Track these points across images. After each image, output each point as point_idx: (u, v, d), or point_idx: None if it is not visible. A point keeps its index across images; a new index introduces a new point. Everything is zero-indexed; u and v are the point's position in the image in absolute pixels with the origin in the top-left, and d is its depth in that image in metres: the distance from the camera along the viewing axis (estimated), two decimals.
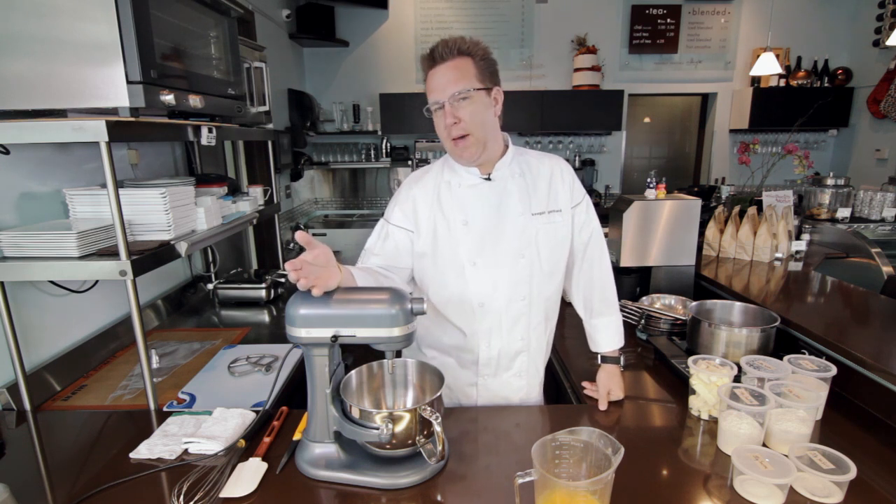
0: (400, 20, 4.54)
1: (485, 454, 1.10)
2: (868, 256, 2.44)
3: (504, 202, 1.27)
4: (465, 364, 1.35)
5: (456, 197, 1.28)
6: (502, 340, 1.32)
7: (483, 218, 1.26)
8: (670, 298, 1.88)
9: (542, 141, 4.81)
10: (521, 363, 1.36)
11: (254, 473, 1.02)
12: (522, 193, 1.28)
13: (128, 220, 1.32)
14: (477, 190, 1.28)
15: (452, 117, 1.16)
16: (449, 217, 1.27)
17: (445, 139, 1.21)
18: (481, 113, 1.19)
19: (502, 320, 1.30)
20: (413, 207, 1.29)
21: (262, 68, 2.14)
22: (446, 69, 1.16)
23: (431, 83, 1.19)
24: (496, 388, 1.37)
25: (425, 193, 1.29)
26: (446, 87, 1.16)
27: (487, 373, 1.35)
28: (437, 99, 1.17)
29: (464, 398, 1.39)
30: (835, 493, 0.92)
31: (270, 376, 1.53)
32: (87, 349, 1.63)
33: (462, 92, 1.15)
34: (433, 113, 1.21)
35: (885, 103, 4.18)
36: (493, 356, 1.33)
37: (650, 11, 4.51)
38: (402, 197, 1.31)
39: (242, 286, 2.26)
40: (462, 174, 1.28)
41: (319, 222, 4.47)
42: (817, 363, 1.26)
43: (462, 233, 1.26)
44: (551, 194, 1.31)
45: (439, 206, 1.28)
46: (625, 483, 0.93)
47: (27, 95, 1.22)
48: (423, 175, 1.34)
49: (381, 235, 1.31)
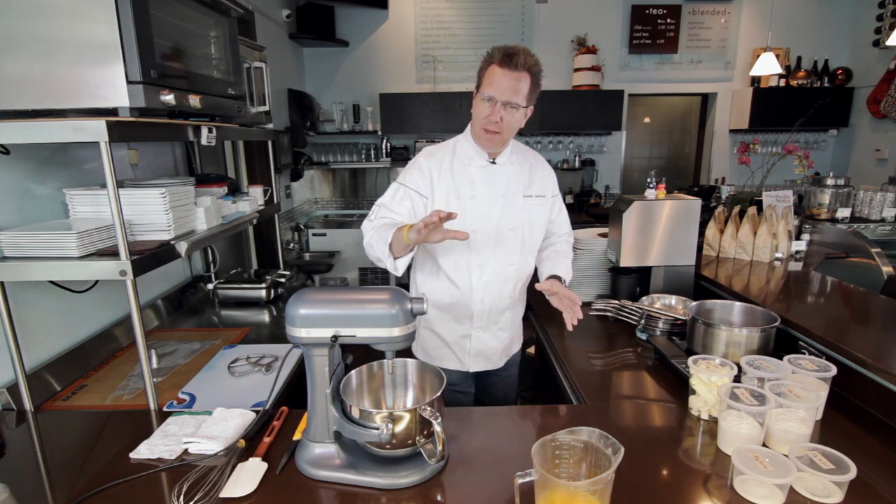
0: (400, 20, 4.54)
1: (485, 454, 1.10)
2: (868, 256, 2.44)
3: (504, 183, 1.51)
4: (461, 318, 1.56)
5: (467, 175, 1.49)
6: (493, 297, 1.54)
7: (488, 194, 1.49)
8: (670, 298, 1.88)
9: (542, 141, 4.82)
10: (506, 319, 1.60)
11: (254, 473, 1.02)
12: (519, 178, 1.53)
13: (128, 220, 1.32)
14: (485, 171, 1.50)
15: (498, 116, 1.37)
16: (460, 190, 1.48)
17: (479, 124, 1.42)
18: (517, 122, 1.41)
19: (496, 280, 1.53)
20: (429, 176, 1.48)
21: (262, 68, 2.14)
22: (516, 78, 1.34)
23: (497, 80, 1.35)
24: (486, 339, 1.59)
25: (440, 167, 1.49)
26: (506, 92, 1.35)
27: (479, 325, 1.57)
28: (495, 95, 1.35)
29: (458, 350, 1.60)
30: (835, 493, 0.92)
31: (270, 376, 1.53)
32: (87, 349, 1.63)
33: (514, 104, 1.36)
34: (480, 99, 1.39)
35: (885, 103, 4.18)
36: (486, 310, 1.55)
37: (650, 11, 4.51)
38: (420, 165, 1.49)
39: (242, 286, 2.26)
40: (473, 157, 1.50)
41: (319, 222, 4.47)
42: (817, 363, 1.26)
43: (471, 204, 1.48)
44: (539, 182, 1.57)
45: (453, 179, 1.48)
46: (625, 483, 0.93)
47: (27, 95, 1.22)
48: (437, 151, 1.53)
49: (396, 196, 1.48)
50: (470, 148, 1.50)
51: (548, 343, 1.78)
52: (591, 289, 2.14)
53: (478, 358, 1.61)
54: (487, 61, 1.39)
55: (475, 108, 1.43)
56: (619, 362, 1.60)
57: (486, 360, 1.62)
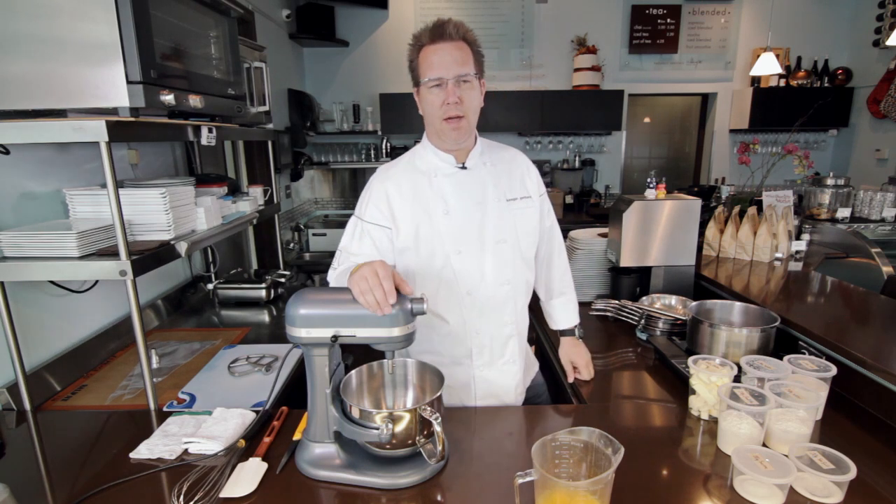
0: (400, 20, 4.54)
1: (485, 454, 1.10)
2: (868, 256, 2.44)
3: (481, 190, 1.30)
4: (459, 359, 1.34)
5: (434, 187, 1.28)
6: (492, 326, 1.32)
7: (463, 206, 1.27)
8: (670, 298, 1.88)
9: (542, 141, 4.81)
10: (512, 348, 1.36)
11: (254, 473, 1.02)
12: (496, 181, 1.31)
13: (128, 220, 1.32)
14: (454, 179, 1.29)
15: (455, 96, 1.18)
16: (429, 208, 1.27)
17: (436, 117, 1.21)
18: (476, 99, 1.22)
19: (491, 306, 1.31)
20: (388, 203, 1.27)
21: (262, 68, 2.14)
22: (453, 48, 1.17)
23: (435, 58, 1.17)
24: (493, 378, 1.36)
25: (399, 187, 1.28)
26: (452, 67, 1.17)
27: (481, 363, 1.34)
28: (441, 75, 1.17)
29: (463, 396, 1.37)
30: (835, 493, 0.92)
31: (270, 376, 1.53)
32: (87, 349, 1.63)
33: (466, 75, 1.18)
34: (427, 89, 1.20)
35: (885, 103, 4.18)
36: (486, 344, 1.33)
37: (650, 11, 4.51)
38: (374, 194, 1.29)
39: (242, 286, 2.26)
40: (437, 164, 1.29)
41: (319, 222, 4.47)
42: (817, 363, 1.26)
43: (444, 222, 1.26)
44: (521, 182, 1.36)
45: (417, 198, 1.27)
46: (625, 483, 0.93)
47: (27, 95, 1.22)
48: (391, 169, 1.33)
49: (355, 234, 1.30)
50: (431, 156, 1.29)
51: (548, 343, 1.78)
52: (591, 289, 2.14)
53: (487, 400, 1.37)
54: (416, 47, 1.22)
55: (425, 104, 1.23)
56: (619, 362, 1.60)
57: (498, 400, 1.38)
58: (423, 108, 1.26)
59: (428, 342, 1.34)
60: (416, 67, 1.23)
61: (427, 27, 1.19)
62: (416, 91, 1.26)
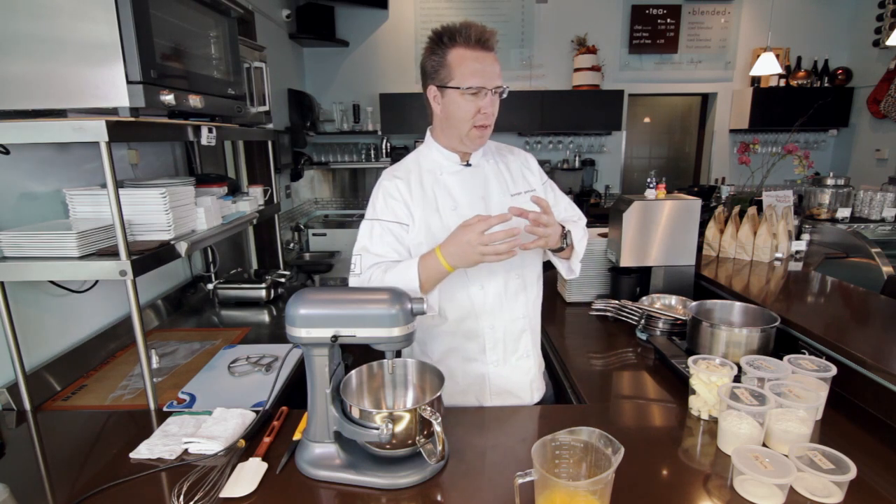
0: (400, 20, 4.54)
1: (485, 454, 1.10)
2: (868, 256, 2.44)
3: (486, 185, 1.33)
4: (472, 356, 1.33)
5: (442, 185, 1.30)
6: (504, 320, 1.33)
7: (470, 202, 1.30)
8: (670, 298, 1.88)
9: (542, 141, 4.82)
10: (525, 342, 1.37)
11: (254, 473, 1.02)
12: (499, 176, 1.35)
13: (128, 220, 1.32)
14: (460, 176, 1.32)
15: (494, 107, 1.22)
16: (438, 205, 1.29)
17: (466, 123, 1.21)
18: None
19: (503, 300, 1.32)
20: (401, 201, 1.27)
21: (262, 68, 2.14)
22: (494, 59, 1.20)
23: (478, 66, 1.17)
24: (507, 374, 1.35)
25: (409, 187, 1.29)
26: (494, 78, 1.19)
27: (495, 359, 1.33)
28: (484, 85, 1.17)
29: (478, 394, 1.35)
30: (835, 493, 0.92)
31: (270, 376, 1.53)
32: (87, 349, 1.63)
33: (502, 87, 1.21)
34: (461, 94, 1.18)
35: (885, 103, 4.18)
36: (499, 338, 1.33)
37: (650, 11, 4.51)
38: (386, 193, 1.29)
39: (242, 286, 2.26)
40: (442, 162, 1.32)
41: (319, 222, 4.47)
42: (817, 363, 1.26)
43: (453, 218, 1.25)
44: (523, 176, 1.39)
45: (426, 195, 1.29)
46: (625, 483, 0.93)
47: (27, 95, 1.22)
48: (398, 170, 1.33)
49: (373, 235, 1.26)
50: (436, 154, 1.32)
51: (548, 342, 1.78)
52: (591, 289, 2.14)
53: (503, 397, 1.36)
54: (446, 46, 1.18)
55: (453, 107, 1.21)
56: (619, 362, 1.60)
57: (514, 397, 1.37)
58: (447, 111, 1.23)
59: (441, 341, 1.34)
60: (442, 67, 1.19)
61: (464, 29, 1.18)
62: (435, 89, 1.23)
